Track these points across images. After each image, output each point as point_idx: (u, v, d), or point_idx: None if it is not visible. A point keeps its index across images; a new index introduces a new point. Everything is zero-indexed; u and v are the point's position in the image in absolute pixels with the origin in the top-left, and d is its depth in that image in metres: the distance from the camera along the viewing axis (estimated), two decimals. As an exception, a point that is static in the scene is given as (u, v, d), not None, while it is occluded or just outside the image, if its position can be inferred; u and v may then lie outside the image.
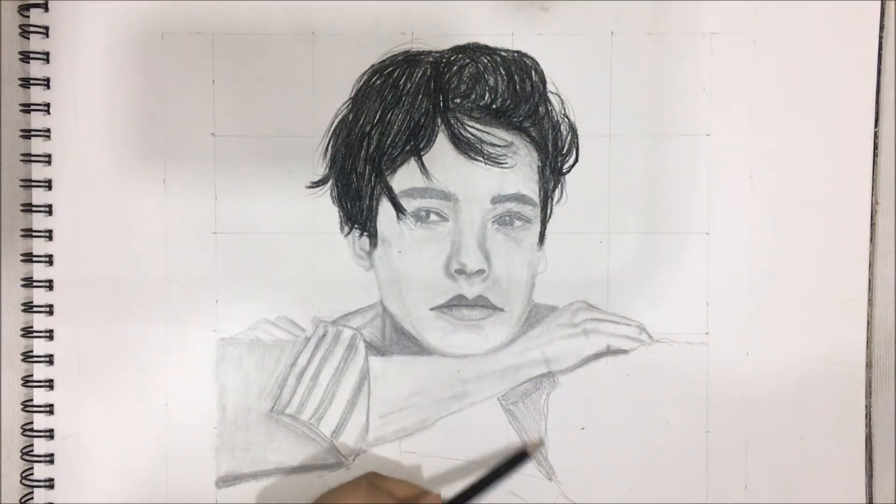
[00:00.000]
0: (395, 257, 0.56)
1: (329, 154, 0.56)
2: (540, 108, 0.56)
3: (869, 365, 0.56)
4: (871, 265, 0.56)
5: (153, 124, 0.56)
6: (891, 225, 0.56)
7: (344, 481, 0.56)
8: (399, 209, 0.56)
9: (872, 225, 0.56)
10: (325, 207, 0.56)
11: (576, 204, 0.56)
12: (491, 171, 0.55)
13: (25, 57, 0.56)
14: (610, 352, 0.56)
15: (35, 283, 0.57)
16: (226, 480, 0.57)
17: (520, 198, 0.55)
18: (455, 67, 0.55)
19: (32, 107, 0.56)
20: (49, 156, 0.56)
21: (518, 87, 0.55)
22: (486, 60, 0.55)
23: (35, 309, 0.57)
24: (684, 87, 0.56)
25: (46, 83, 0.56)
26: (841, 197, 0.56)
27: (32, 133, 0.56)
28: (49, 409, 0.57)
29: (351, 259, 0.57)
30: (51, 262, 0.57)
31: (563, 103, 0.56)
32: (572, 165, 0.56)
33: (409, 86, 0.55)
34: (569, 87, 0.56)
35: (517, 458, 0.55)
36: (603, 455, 0.57)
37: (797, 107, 0.56)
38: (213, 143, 0.56)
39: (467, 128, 0.55)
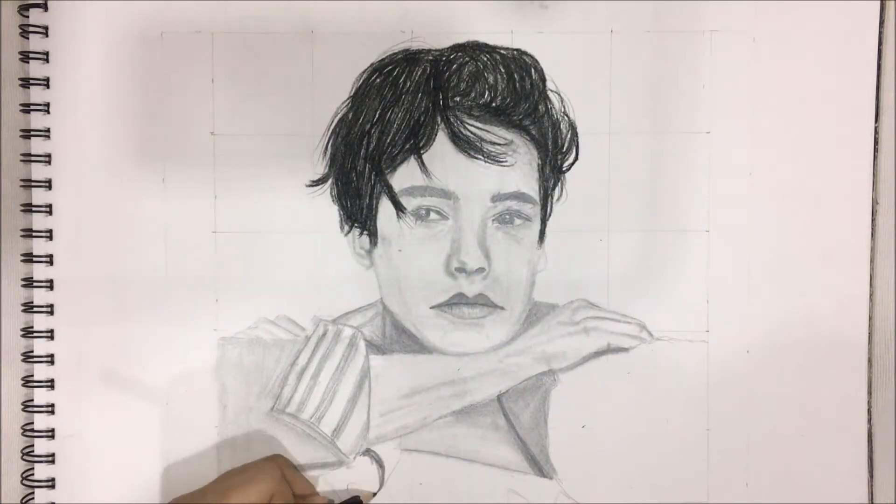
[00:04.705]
0: (396, 256, 0.56)
1: (329, 153, 0.56)
2: (540, 106, 0.56)
3: (870, 362, 0.56)
4: (871, 262, 0.56)
5: (153, 124, 0.56)
6: (891, 222, 0.56)
7: (344, 479, 0.56)
8: (399, 207, 0.56)
9: (873, 222, 0.56)
10: (324, 206, 0.56)
11: (576, 202, 0.56)
12: (491, 169, 0.55)
13: (25, 57, 0.56)
14: (610, 350, 0.56)
15: (35, 284, 0.57)
16: (226, 480, 0.57)
17: (520, 196, 0.55)
18: (455, 66, 0.55)
19: (32, 107, 0.56)
20: (49, 156, 0.56)
21: (518, 85, 0.55)
22: (485, 59, 0.55)
23: (35, 309, 0.57)
24: (684, 84, 0.56)
25: (46, 83, 0.56)
26: (841, 194, 0.56)
27: (32, 133, 0.56)
28: (50, 409, 0.57)
29: (351, 258, 0.57)
30: (51, 262, 0.57)
31: (562, 101, 0.56)
32: (572, 163, 0.56)
33: (408, 84, 0.55)
34: (568, 84, 0.56)
35: None
36: (603, 453, 0.57)
37: (797, 104, 0.56)
38: (212, 142, 0.56)
39: (467, 126, 0.55)
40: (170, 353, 0.57)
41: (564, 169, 0.56)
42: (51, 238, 0.57)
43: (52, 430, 0.57)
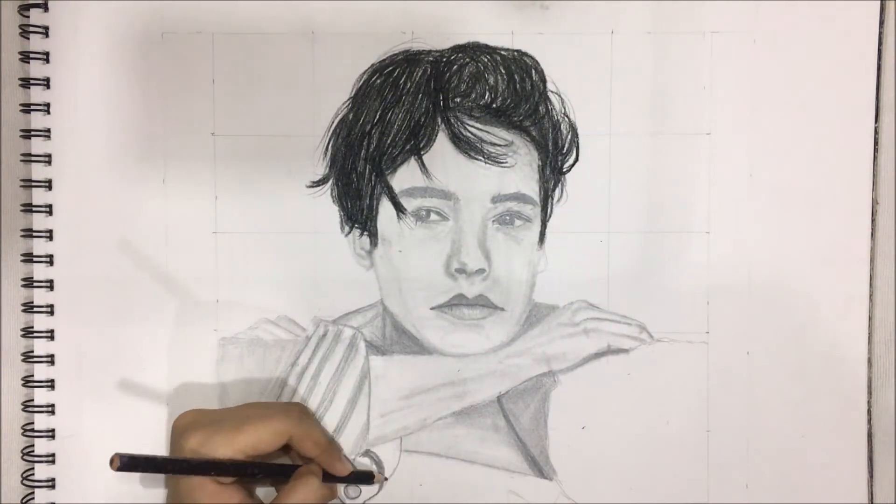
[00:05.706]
0: (396, 256, 0.56)
1: (329, 153, 0.56)
2: (540, 108, 0.56)
3: (870, 363, 0.56)
4: (871, 263, 0.56)
5: (153, 124, 0.56)
6: (891, 223, 0.56)
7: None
8: (399, 208, 0.56)
9: (873, 223, 0.56)
10: (325, 207, 0.56)
11: (576, 203, 0.56)
12: (491, 170, 0.55)
13: (25, 57, 0.56)
14: (610, 351, 0.56)
15: (35, 284, 0.56)
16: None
17: (520, 197, 0.55)
18: (455, 67, 0.55)
19: (32, 107, 0.56)
20: (49, 156, 0.56)
21: (518, 86, 0.55)
22: (486, 59, 0.55)
23: (35, 309, 0.57)
24: (684, 85, 0.56)
25: (46, 83, 0.56)
26: (841, 195, 0.56)
27: (32, 133, 0.56)
28: (50, 409, 0.57)
29: (351, 258, 0.57)
30: (51, 263, 0.57)
31: (563, 102, 0.56)
32: (572, 164, 0.56)
33: (409, 85, 0.55)
34: (569, 86, 0.56)
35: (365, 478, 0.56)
36: (604, 454, 0.57)
37: (797, 105, 0.56)
38: (213, 142, 0.56)
39: (467, 127, 0.55)
40: (170, 353, 0.57)
41: (565, 170, 0.56)
42: (51, 238, 0.57)
43: (52, 431, 0.57)
